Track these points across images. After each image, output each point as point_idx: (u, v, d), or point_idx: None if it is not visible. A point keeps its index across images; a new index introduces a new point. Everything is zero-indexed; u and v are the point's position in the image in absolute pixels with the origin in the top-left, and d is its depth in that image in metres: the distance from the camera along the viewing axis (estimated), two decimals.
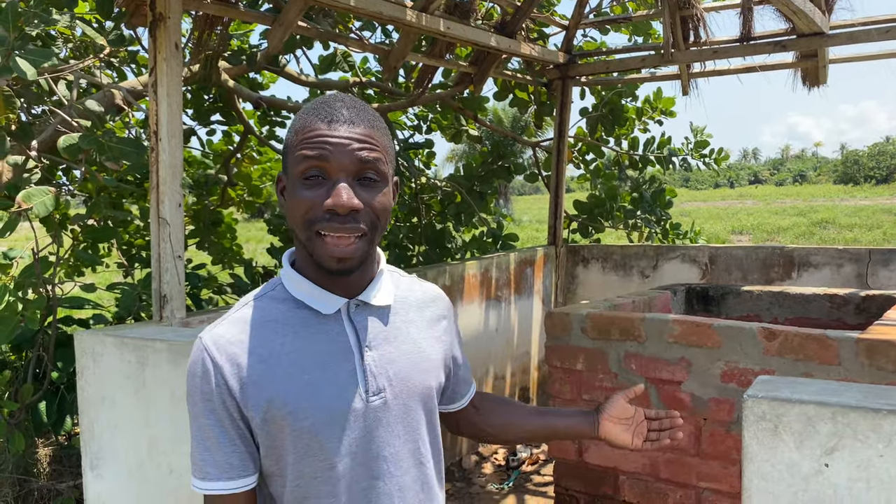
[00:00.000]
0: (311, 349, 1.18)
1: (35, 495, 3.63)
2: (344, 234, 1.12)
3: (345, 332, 1.21)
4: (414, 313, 1.32)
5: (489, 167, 6.14)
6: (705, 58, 4.85)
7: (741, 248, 5.10)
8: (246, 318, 1.19)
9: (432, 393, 1.30)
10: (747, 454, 1.55)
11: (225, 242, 5.97)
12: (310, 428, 1.15)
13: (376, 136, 1.16)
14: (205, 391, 1.15)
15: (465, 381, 1.49)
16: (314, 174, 1.13)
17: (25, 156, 3.41)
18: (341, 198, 1.10)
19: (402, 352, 1.25)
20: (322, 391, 1.16)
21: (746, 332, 2.75)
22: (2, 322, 2.96)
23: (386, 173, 1.17)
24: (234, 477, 1.16)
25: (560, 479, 3.28)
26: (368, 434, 1.19)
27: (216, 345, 1.16)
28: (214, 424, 1.16)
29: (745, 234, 21.35)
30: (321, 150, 1.11)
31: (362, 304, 1.23)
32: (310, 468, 1.17)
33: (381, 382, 1.21)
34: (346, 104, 1.16)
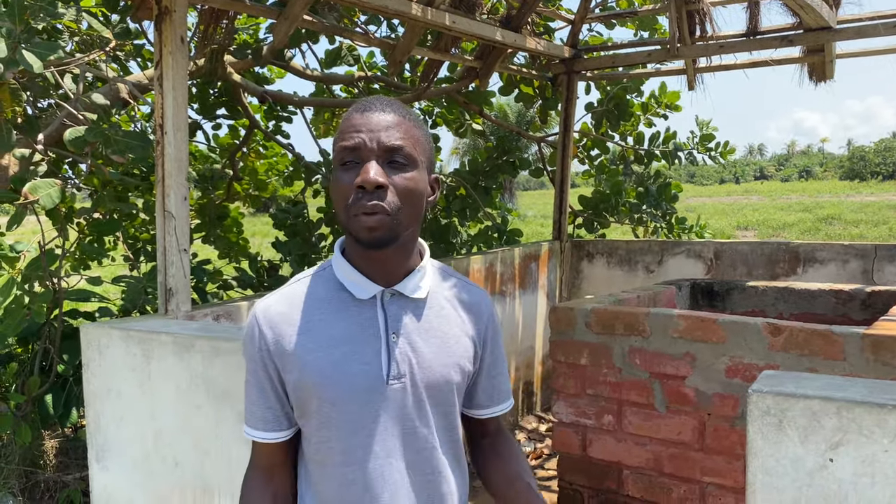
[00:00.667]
0: (344, 328, 1.30)
1: (42, 487, 3.65)
2: (370, 210, 1.21)
3: (376, 317, 1.31)
4: (449, 310, 1.39)
5: (494, 162, 6.13)
6: (711, 52, 4.83)
7: (746, 243, 5.08)
8: (294, 293, 1.34)
9: (452, 387, 1.35)
10: (752, 449, 1.55)
11: (231, 237, 5.98)
12: (332, 399, 1.27)
13: (405, 125, 1.26)
14: (251, 354, 1.32)
15: (488, 395, 1.48)
16: (349, 160, 1.24)
17: (31, 149, 3.42)
18: (368, 174, 1.20)
19: (428, 343, 1.33)
20: (347, 367, 1.27)
21: (751, 328, 2.75)
22: (9, 315, 2.98)
23: (415, 158, 1.26)
24: (268, 430, 1.33)
25: (564, 474, 3.29)
26: (386, 413, 1.29)
27: (265, 314, 1.31)
28: (255, 384, 1.33)
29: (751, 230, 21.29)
30: (355, 137, 1.23)
31: (397, 294, 1.32)
32: (329, 436, 1.29)
33: (403, 368, 1.29)
34: (381, 99, 1.29)
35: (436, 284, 1.40)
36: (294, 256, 5.46)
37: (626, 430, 3.08)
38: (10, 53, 2.46)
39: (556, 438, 3.29)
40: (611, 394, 3.10)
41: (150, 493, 2.55)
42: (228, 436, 2.32)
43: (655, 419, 3.00)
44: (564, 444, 3.26)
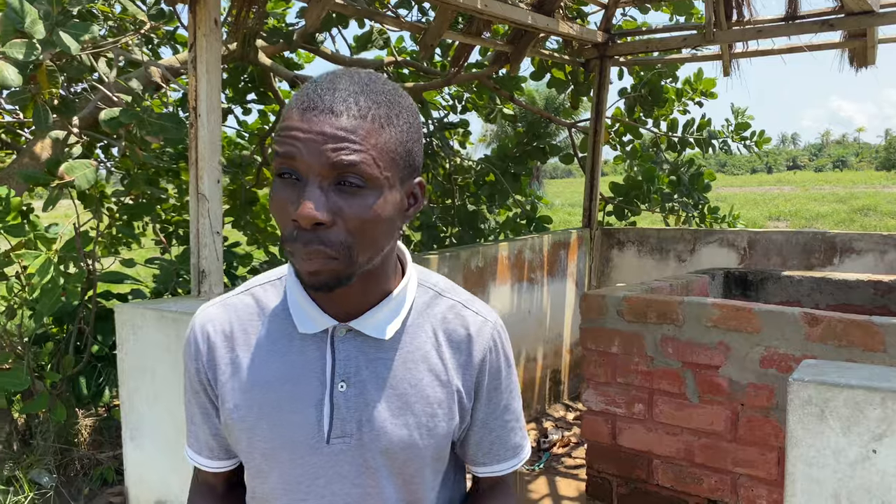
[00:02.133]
0: (285, 367, 1.04)
1: (76, 464, 3.72)
2: (307, 255, 0.92)
3: (324, 358, 1.04)
4: (426, 352, 1.07)
5: (524, 148, 6.09)
6: (748, 37, 4.73)
7: (781, 232, 4.99)
8: (238, 308, 1.09)
9: (417, 453, 1.06)
10: (792, 439, 1.52)
11: (259, 222, 6.02)
12: (262, 451, 1.04)
13: (365, 129, 0.91)
14: (190, 370, 1.10)
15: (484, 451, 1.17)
16: (287, 171, 0.93)
17: (67, 131, 3.47)
18: (304, 208, 0.89)
19: (385, 396, 1.04)
20: (282, 416, 1.03)
21: (788, 317, 2.70)
22: (45, 295, 3.03)
23: (376, 177, 0.92)
24: (213, 458, 1.14)
25: (593, 462, 3.27)
26: (325, 477, 1.05)
27: (202, 328, 1.09)
28: (198, 404, 1.12)
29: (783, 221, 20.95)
30: (290, 146, 0.91)
31: (354, 331, 1.04)
32: (260, 489, 1.08)
33: (350, 426, 1.03)
34: (336, 87, 0.93)
35: (417, 314, 1.09)
36: None
37: (657, 419, 3.05)
38: (47, 35, 2.48)
39: (585, 426, 3.27)
40: (642, 382, 3.07)
41: (182, 471, 2.58)
42: None
43: (687, 409, 2.96)
44: (594, 432, 3.24)
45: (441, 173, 6.17)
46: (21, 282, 3.33)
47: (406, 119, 0.97)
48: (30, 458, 3.54)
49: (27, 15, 2.53)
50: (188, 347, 1.10)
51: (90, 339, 3.80)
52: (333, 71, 0.98)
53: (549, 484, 3.91)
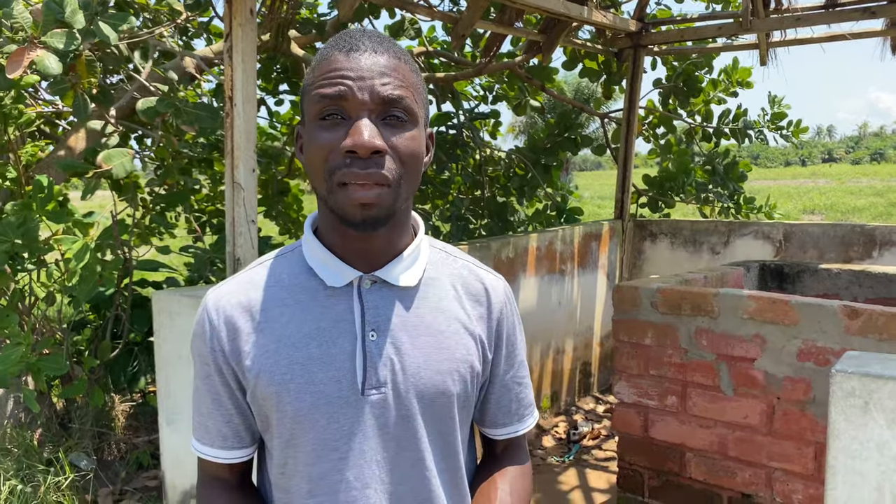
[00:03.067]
0: (311, 324, 1.03)
1: (113, 448, 3.80)
2: (365, 179, 0.94)
3: (352, 310, 1.04)
4: (450, 301, 1.10)
5: (555, 139, 6.05)
6: (787, 25, 4.64)
7: (818, 225, 4.90)
8: (253, 280, 1.07)
9: (450, 399, 1.07)
10: (834, 431, 1.49)
11: (291, 212, 6.07)
12: (293, 414, 1.01)
13: (403, 70, 0.99)
14: (202, 353, 1.06)
15: (504, 410, 1.19)
16: (332, 112, 0.96)
17: (104, 121, 3.52)
18: (362, 136, 0.93)
19: (417, 343, 1.05)
20: (312, 373, 1.01)
21: (826, 310, 2.65)
22: (83, 281, 3.08)
23: (416, 112, 0.99)
24: (226, 447, 1.09)
25: (624, 454, 3.25)
26: (361, 433, 1.03)
27: (217, 306, 1.05)
28: (209, 391, 1.07)
29: (818, 214, 20.58)
30: (340, 84, 0.95)
31: (379, 281, 1.05)
32: (293, 458, 1.04)
33: (383, 375, 1.03)
34: (367, 34, 1.00)
35: (433, 268, 1.12)
36: None
37: (690, 411, 3.02)
38: (87, 25, 2.52)
39: (616, 418, 3.25)
40: (675, 375, 3.04)
41: None
42: None
43: (721, 401, 2.92)
44: (626, 424, 3.21)
45: (471, 164, 6.16)
46: (60, 269, 3.40)
47: (417, 67, 1.05)
48: (69, 441, 3.62)
49: (67, 5, 2.57)
50: (199, 330, 1.07)
51: (126, 326, 3.87)
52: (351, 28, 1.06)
53: (579, 476, 3.90)
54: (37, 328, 3.58)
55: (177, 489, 2.79)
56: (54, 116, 4.48)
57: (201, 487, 1.13)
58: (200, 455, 1.11)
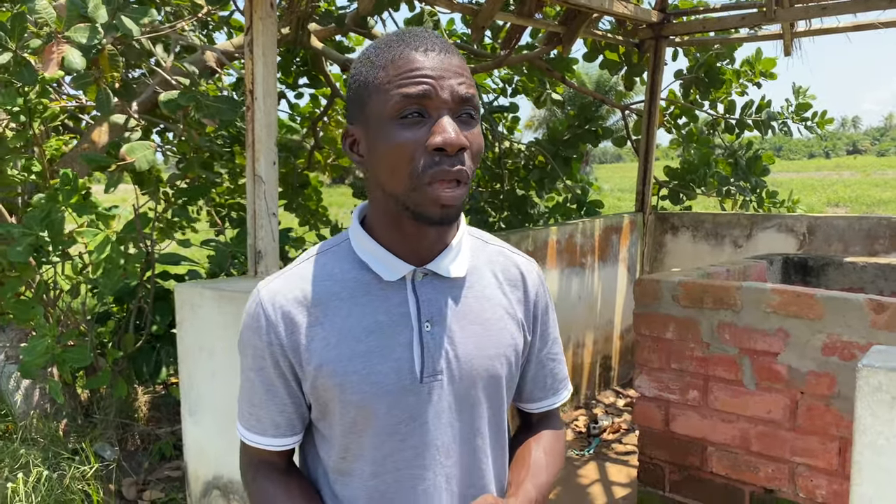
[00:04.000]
0: (368, 317, 1.07)
1: (136, 439, 3.84)
2: (455, 177, 0.99)
3: (406, 302, 1.08)
4: (492, 289, 1.16)
5: (575, 131, 6.01)
6: (812, 15, 4.56)
7: (843, 218, 4.83)
8: (305, 275, 1.10)
9: (500, 382, 1.14)
10: (860, 426, 1.47)
11: (311, 205, 6.09)
12: (357, 402, 1.06)
13: (468, 70, 1.04)
14: (257, 347, 1.09)
15: (540, 386, 1.27)
16: (413, 111, 0.98)
17: (127, 115, 3.55)
18: (450, 134, 0.97)
19: (468, 332, 1.11)
20: (373, 364, 1.06)
21: (852, 304, 2.61)
22: (107, 274, 3.12)
23: (479, 110, 1.05)
24: (278, 435, 1.13)
25: (645, 448, 3.23)
26: (420, 418, 1.08)
27: (272, 301, 1.08)
28: (262, 382, 1.11)
29: (842, 207, 20.30)
30: (424, 83, 0.98)
31: (430, 274, 1.10)
32: (355, 444, 1.09)
33: (440, 363, 1.08)
34: (430, 34, 1.03)
35: (474, 257, 1.16)
36: None
37: (712, 406, 2.99)
38: (109, 19, 2.53)
39: (637, 412, 3.23)
40: (697, 369, 3.01)
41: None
42: None
43: (744, 396, 2.90)
44: (646, 418, 3.19)
45: (490, 157, 6.14)
46: (84, 261, 3.44)
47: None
48: (93, 431, 3.67)
49: (90, 0, 2.59)
50: (249, 324, 1.10)
51: (149, 318, 3.91)
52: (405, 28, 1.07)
53: (599, 469, 3.89)
54: (61, 320, 3.63)
55: (199, 480, 2.81)
56: (78, 111, 4.53)
57: (249, 471, 1.17)
58: (252, 444, 1.14)
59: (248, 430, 1.14)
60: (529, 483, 1.15)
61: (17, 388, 3.74)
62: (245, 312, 1.12)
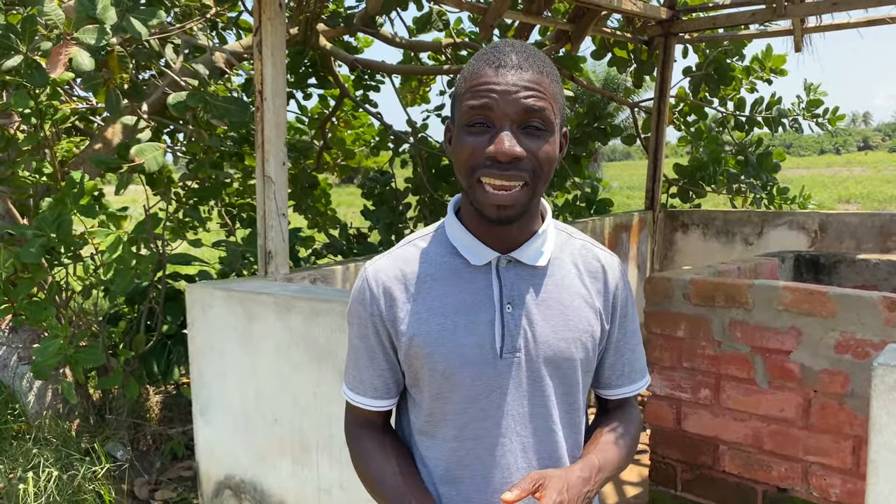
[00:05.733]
0: (456, 296, 1.21)
1: (148, 439, 3.86)
2: (504, 181, 1.11)
3: (491, 285, 1.21)
4: (572, 279, 1.26)
5: (584, 129, 5.99)
6: (823, 10, 4.52)
7: (855, 214, 4.79)
8: (406, 256, 1.26)
9: (574, 364, 1.23)
10: (875, 426, 1.46)
11: (320, 206, 6.10)
12: (443, 371, 1.19)
13: (544, 84, 1.13)
14: (361, 317, 1.25)
15: (617, 374, 1.35)
16: (479, 121, 1.12)
17: (137, 116, 3.56)
18: (503, 145, 1.09)
19: (546, 316, 1.22)
20: (458, 337, 1.19)
21: (865, 302, 2.59)
22: (119, 275, 3.13)
23: (552, 122, 1.14)
24: (377, 397, 1.28)
25: (656, 447, 3.22)
26: (499, 389, 1.20)
27: (376, 277, 1.24)
28: (365, 349, 1.26)
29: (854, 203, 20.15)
30: (486, 97, 1.11)
31: (514, 261, 1.22)
32: (440, 409, 1.22)
33: (518, 342, 1.20)
34: (515, 49, 1.14)
35: (558, 249, 1.27)
36: (382, 224, 5.53)
37: (724, 404, 2.97)
38: (118, 20, 2.54)
39: (649, 411, 3.21)
40: (708, 367, 3.00)
41: (250, 447, 2.64)
42: (327, 395, 2.37)
43: (756, 394, 2.88)
44: (658, 416, 3.18)
45: None
46: (95, 262, 3.45)
47: (559, 76, 1.20)
48: (105, 431, 3.69)
49: (99, 1, 2.60)
50: (356, 297, 1.27)
51: (160, 319, 3.93)
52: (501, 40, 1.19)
53: None
54: (73, 321, 3.64)
55: (211, 479, 2.82)
56: (88, 113, 4.55)
57: (352, 428, 1.33)
58: (354, 403, 1.30)
59: (352, 390, 1.30)
60: (594, 455, 1.24)
61: (29, 388, 3.76)
62: (354, 288, 1.28)
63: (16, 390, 3.81)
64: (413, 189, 5.77)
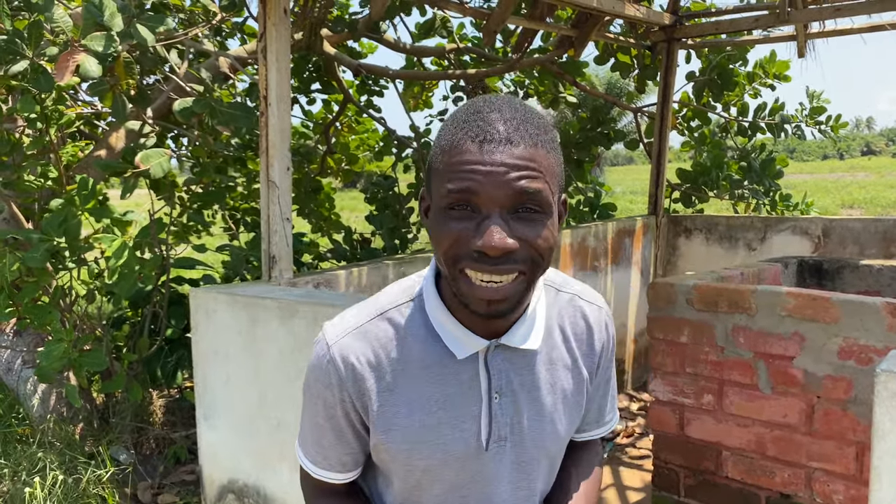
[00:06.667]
0: (439, 390, 1.08)
1: (151, 443, 3.87)
2: (495, 275, 0.95)
3: (477, 376, 1.09)
4: (561, 352, 1.16)
5: (587, 133, 6.00)
6: (826, 16, 4.53)
7: (859, 220, 4.79)
8: (378, 337, 1.09)
9: (562, 442, 1.19)
10: (878, 432, 1.46)
11: (323, 210, 6.11)
12: (423, 467, 1.10)
13: (538, 158, 0.95)
14: (327, 400, 1.10)
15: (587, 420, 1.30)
16: (460, 205, 0.95)
17: (142, 121, 3.58)
18: (493, 239, 0.92)
19: (535, 400, 1.13)
20: (442, 433, 1.09)
21: (869, 307, 2.59)
22: (123, 279, 3.14)
23: (550, 203, 0.96)
24: (344, 472, 1.17)
25: (659, 453, 3.22)
26: (483, 478, 1.13)
27: (343, 360, 1.07)
28: (332, 429, 1.13)
29: (857, 209, 20.12)
30: (470, 181, 0.93)
31: (502, 346, 1.09)
32: (417, 497, 1.14)
33: (504, 431, 1.11)
34: (503, 116, 0.96)
35: (548, 315, 1.15)
36: (385, 230, 5.54)
37: (727, 410, 2.98)
38: (125, 27, 2.56)
39: (652, 417, 3.21)
40: (711, 373, 3.00)
41: (254, 451, 2.65)
42: None
43: (759, 400, 2.88)
44: (661, 422, 3.18)
45: None
46: (99, 266, 3.46)
47: (557, 144, 1.02)
48: (109, 435, 3.70)
49: (106, 8, 2.62)
50: (323, 378, 1.09)
51: (164, 323, 3.94)
52: (485, 98, 1.00)
53: (613, 474, 3.87)
54: (78, 325, 3.65)
55: (214, 484, 2.83)
56: (93, 117, 4.57)
57: (313, 494, 1.22)
58: (319, 478, 1.18)
59: (315, 465, 1.17)
60: None
61: (34, 391, 3.77)
62: (314, 364, 1.11)
63: (20, 394, 3.82)
64: (416, 194, 5.78)
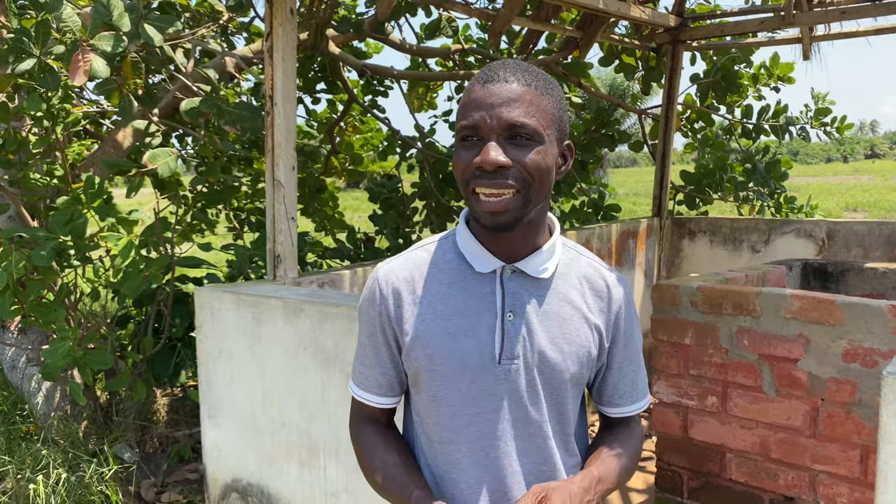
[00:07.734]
0: (461, 301, 1.25)
1: (155, 441, 3.87)
2: (494, 189, 1.16)
3: (494, 292, 1.25)
4: (575, 295, 1.29)
5: (592, 135, 5.99)
6: (831, 19, 4.53)
7: (863, 223, 4.79)
8: (416, 259, 1.31)
9: (564, 376, 1.27)
10: (885, 434, 1.46)
11: (327, 210, 6.12)
12: (442, 373, 1.24)
13: (530, 95, 1.17)
14: (370, 315, 1.31)
15: (620, 393, 1.38)
16: (469, 136, 1.19)
17: (148, 120, 3.59)
18: (488, 155, 1.14)
19: (545, 327, 1.26)
20: (459, 341, 1.23)
21: (873, 310, 2.59)
22: (129, 278, 3.15)
23: (540, 132, 1.18)
24: (381, 394, 1.33)
25: (663, 455, 3.21)
26: (496, 394, 1.24)
27: (386, 278, 1.30)
28: (372, 347, 1.32)
29: (861, 212, 20.08)
30: (473, 114, 1.17)
31: (518, 272, 1.26)
32: (437, 411, 1.27)
33: (517, 349, 1.24)
34: (507, 66, 1.20)
35: (564, 265, 1.31)
36: (389, 229, 5.54)
37: (731, 412, 2.97)
38: (133, 28, 2.56)
39: (655, 418, 3.21)
40: (715, 375, 3.00)
41: (258, 450, 2.65)
42: (334, 399, 2.38)
43: (763, 402, 2.88)
44: (664, 424, 3.18)
45: None
46: (104, 265, 3.47)
47: (557, 94, 1.24)
48: (113, 433, 3.70)
49: (114, 9, 2.63)
50: (366, 296, 1.33)
51: (168, 321, 3.94)
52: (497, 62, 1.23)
53: None
54: (83, 323, 3.66)
55: (217, 482, 2.83)
56: (99, 116, 4.58)
57: (356, 424, 1.38)
58: (359, 398, 1.35)
59: (358, 386, 1.35)
60: (595, 468, 1.28)
61: (38, 389, 3.78)
62: (365, 287, 1.34)
63: (24, 392, 3.83)
64: (420, 194, 5.78)
